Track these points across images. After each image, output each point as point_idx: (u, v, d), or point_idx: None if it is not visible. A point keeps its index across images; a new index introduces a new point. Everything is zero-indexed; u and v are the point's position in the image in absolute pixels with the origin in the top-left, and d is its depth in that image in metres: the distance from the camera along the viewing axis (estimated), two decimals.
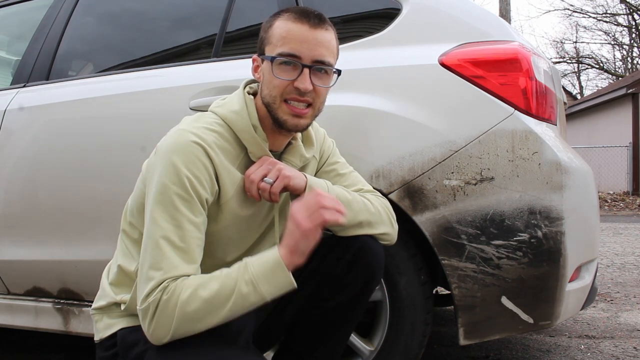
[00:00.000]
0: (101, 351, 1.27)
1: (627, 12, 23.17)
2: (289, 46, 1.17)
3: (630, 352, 2.15)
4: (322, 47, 1.18)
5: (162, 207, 1.10)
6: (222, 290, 1.06)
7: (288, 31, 1.18)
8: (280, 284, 1.09)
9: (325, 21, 1.21)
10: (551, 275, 1.49)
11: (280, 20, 1.20)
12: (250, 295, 1.07)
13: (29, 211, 1.95)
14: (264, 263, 1.09)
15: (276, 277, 1.08)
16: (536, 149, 1.49)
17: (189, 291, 1.05)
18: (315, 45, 1.17)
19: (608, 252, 4.86)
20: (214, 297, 1.05)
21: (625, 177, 12.49)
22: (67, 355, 2.26)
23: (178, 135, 1.15)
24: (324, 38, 1.19)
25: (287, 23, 1.19)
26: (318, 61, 1.18)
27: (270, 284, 1.07)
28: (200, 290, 1.06)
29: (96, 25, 2.19)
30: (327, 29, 1.20)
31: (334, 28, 1.24)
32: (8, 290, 2.04)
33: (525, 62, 1.54)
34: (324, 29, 1.19)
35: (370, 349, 1.60)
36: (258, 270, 1.08)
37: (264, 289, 1.07)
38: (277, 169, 1.21)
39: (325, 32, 1.19)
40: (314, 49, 1.17)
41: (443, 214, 1.51)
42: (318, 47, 1.17)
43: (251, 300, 1.07)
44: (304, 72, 1.17)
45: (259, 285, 1.07)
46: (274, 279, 1.08)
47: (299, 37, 1.17)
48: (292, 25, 1.18)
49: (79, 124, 1.91)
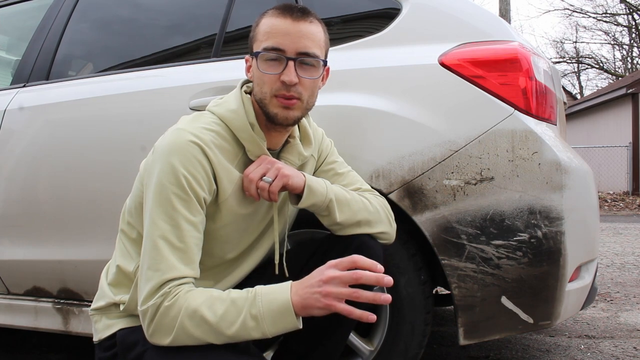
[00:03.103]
0: (100, 352, 1.27)
1: (627, 12, 23.18)
2: (273, 40, 1.17)
3: (630, 352, 2.15)
4: (306, 39, 1.18)
5: (160, 207, 1.10)
6: (227, 316, 1.05)
7: (271, 26, 1.19)
8: (286, 326, 1.06)
9: (309, 14, 1.21)
10: (551, 275, 1.49)
11: (265, 17, 1.22)
12: (253, 330, 1.05)
13: (29, 211, 1.95)
14: (273, 302, 1.05)
15: (283, 320, 1.05)
16: (536, 149, 1.49)
17: (193, 307, 1.04)
18: (299, 38, 1.17)
19: (608, 252, 4.86)
20: (217, 322, 1.04)
21: (625, 177, 12.49)
22: (67, 355, 2.26)
23: (175, 134, 1.15)
24: (308, 30, 1.19)
25: (271, 19, 1.20)
26: (302, 53, 1.18)
27: (275, 325, 1.05)
28: (204, 309, 1.04)
29: (96, 26, 2.19)
30: (312, 22, 1.20)
31: (322, 22, 1.24)
32: (8, 290, 2.05)
33: (525, 62, 1.54)
34: (307, 21, 1.19)
35: (370, 348, 1.60)
36: (266, 309, 1.05)
37: (268, 328, 1.05)
38: (276, 168, 1.20)
39: (309, 24, 1.19)
40: (298, 41, 1.17)
41: (443, 214, 1.51)
42: (302, 39, 1.18)
43: (252, 334, 1.06)
44: (289, 64, 1.17)
45: (264, 323, 1.05)
46: (280, 322, 1.05)
47: (282, 31, 1.17)
48: (275, 20, 1.19)
49: (79, 124, 1.91)
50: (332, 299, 1.03)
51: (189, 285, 1.08)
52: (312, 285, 1.05)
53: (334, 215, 1.26)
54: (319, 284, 1.04)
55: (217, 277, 1.26)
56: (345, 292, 1.03)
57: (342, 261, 1.06)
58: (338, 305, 1.03)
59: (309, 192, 1.23)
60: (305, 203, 1.24)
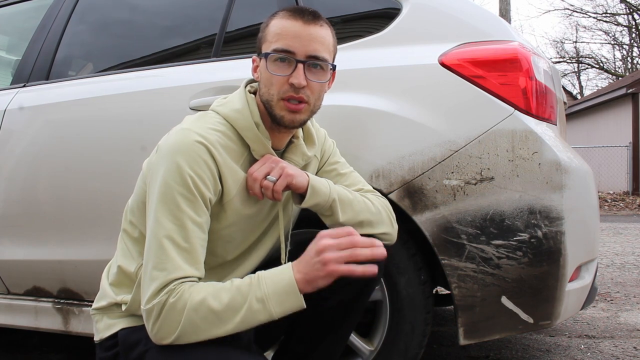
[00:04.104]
0: (101, 351, 1.26)
1: (627, 12, 23.18)
2: (283, 42, 1.18)
3: (630, 352, 2.15)
4: (316, 42, 1.18)
5: (165, 206, 1.10)
6: (232, 303, 1.05)
7: (282, 28, 1.19)
8: (292, 306, 1.08)
9: (319, 18, 1.21)
10: (551, 275, 1.49)
11: (276, 18, 1.22)
12: (260, 313, 1.06)
13: (29, 211, 1.95)
14: (277, 283, 1.08)
15: (289, 299, 1.07)
16: (536, 148, 1.49)
17: (198, 299, 1.05)
18: (309, 41, 1.18)
19: (608, 252, 4.86)
20: (223, 309, 1.05)
21: (625, 177, 12.49)
22: (67, 355, 2.26)
23: (181, 134, 1.15)
24: (318, 34, 1.19)
25: (282, 20, 1.20)
26: (312, 56, 1.18)
27: (281, 305, 1.07)
28: (210, 300, 1.05)
29: (96, 26, 2.19)
30: (322, 25, 1.21)
31: (331, 26, 1.24)
32: (8, 290, 2.05)
33: (525, 62, 1.54)
34: (318, 25, 1.20)
35: (370, 348, 1.60)
36: (271, 290, 1.07)
37: (274, 309, 1.06)
38: (280, 167, 1.21)
39: (319, 28, 1.20)
40: (308, 45, 1.18)
41: (443, 214, 1.51)
42: (312, 43, 1.18)
43: (259, 318, 1.07)
44: (298, 67, 1.17)
45: (270, 304, 1.06)
46: (286, 301, 1.07)
47: (292, 33, 1.18)
48: (286, 22, 1.19)
49: (79, 124, 1.91)
50: (332, 264, 1.06)
51: (192, 282, 1.09)
52: (311, 257, 1.08)
53: (337, 215, 1.27)
54: (317, 254, 1.07)
55: (219, 276, 1.26)
56: (343, 254, 1.07)
57: (337, 231, 1.10)
58: (340, 268, 1.07)
59: (312, 191, 1.23)
60: (308, 203, 1.24)
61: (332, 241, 1.08)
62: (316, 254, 1.08)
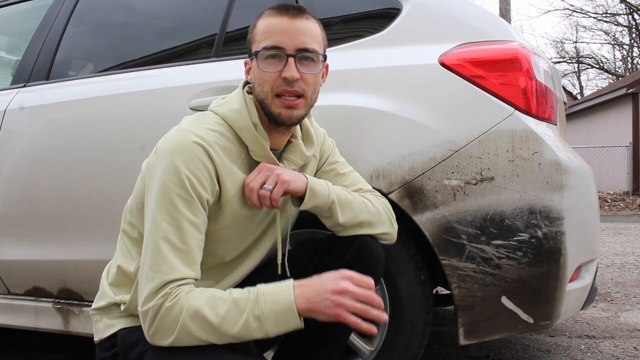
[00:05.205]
0: (101, 351, 1.27)
1: (627, 12, 23.17)
2: (272, 39, 1.18)
3: (630, 352, 2.15)
4: (304, 35, 1.19)
5: (162, 207, 1.10)
6: (229, 316, 1.05)
7: (269, 25, 1.20)
8: (289, 326, 1.07)
9: (305, 11, 1.22)
10: (551, 275, 1.49)
11: (262, 18, 1.23)
12: (256, 331, 1.06)
13: (29, 211, 1.95)
14: (276, 302, 1.06)
15: (286, 320, 1.06)
16: (536, 148, 1.49)
17: (195, 307, 1.04)
18: (297, 34, 1.18)
19: (608, 252, 4.86)
20: (219, 322, 1.04)
21: (625, 177, 12.49)
22: (67, 355, 2.26)
23: (179, 135, 1.15)
24: (305, 26, 1.20)
25: (268, 19, 1.21)
26: (302, 49, 1.19)
27: (278, 325, 1.06)
28: (206, 310, 1.04)
29: (96, 26, 2.19)
30: (308, 18, 1.22)
31: (317, 19, 1.25)
32: (8, 290, 2.05)
33: (525, 62, 1.54)
34: (304, 18, 1.21)
35: (370, 348, 1.60)
36: (269, 309, 1.05)
37: (271, 329, 1.06)
38: (276, 174, 1.20)
39: (306, 21, 1.21)
40: (296, 38, 1.18)
41: (443, 214, 1.51)
42: (300, 36, 1.19)
43: (255, 335, 1.06)
44: (289, 61, 1.18)
45: (267, 324, 1.05)
46: (284, 322, 1.06)
47: (280, 29, 1.18)
48: (273, 19, 1.20)
49: (79, 124, 1.91)
50: (343, 309, 1.05)
51: (189, 286, 1.08)
52: (325, 291, 1.06)
53: (336, 216, 1.27)
54: (332, 292, 1.05)
55: (217, 277, 1.26)
56: (359, 307, 1.05)
57: (359, 279, 1.08)
58: (348, 317, 1.05)
59: (311, 194, 1.23)
60: (307, 205, 1.24)
61: (352, 287, 1.06)
62: (332, 292, 1.05)
